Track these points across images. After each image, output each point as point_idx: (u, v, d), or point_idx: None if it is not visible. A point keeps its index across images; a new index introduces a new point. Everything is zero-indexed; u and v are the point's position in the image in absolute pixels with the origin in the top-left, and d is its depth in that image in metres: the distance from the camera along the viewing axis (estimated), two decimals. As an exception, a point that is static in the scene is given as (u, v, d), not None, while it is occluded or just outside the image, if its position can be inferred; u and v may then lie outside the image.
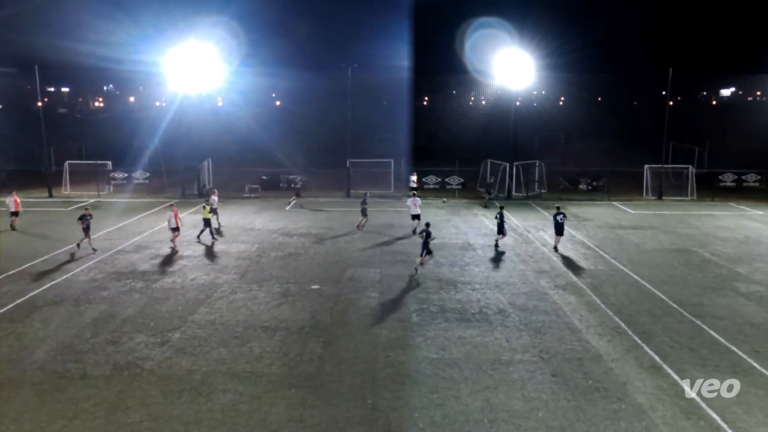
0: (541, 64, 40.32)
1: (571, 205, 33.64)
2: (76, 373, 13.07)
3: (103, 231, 26.80)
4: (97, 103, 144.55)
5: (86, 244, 23.34)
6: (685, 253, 23.71)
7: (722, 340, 14.83)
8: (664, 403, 11.79)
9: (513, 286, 19.19)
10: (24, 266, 21.28)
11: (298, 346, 14.50)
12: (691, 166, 38.53)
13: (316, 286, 19.21)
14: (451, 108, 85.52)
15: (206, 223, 25.30)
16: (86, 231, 23.03)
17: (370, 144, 52.94)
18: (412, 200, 27.33)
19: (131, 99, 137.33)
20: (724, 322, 16.03)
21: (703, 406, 11.70)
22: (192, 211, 31.83)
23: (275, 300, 17.90)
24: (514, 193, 37.48)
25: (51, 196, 37.08)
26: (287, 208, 33.50)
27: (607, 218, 30.92)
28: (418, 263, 20.73)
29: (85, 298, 17.93)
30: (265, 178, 40.31)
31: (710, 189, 37.38)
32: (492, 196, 35.88)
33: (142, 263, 21.89)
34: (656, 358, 13.80)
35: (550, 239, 25.66)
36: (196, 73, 37.42)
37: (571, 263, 22.11)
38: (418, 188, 35.57)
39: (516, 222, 29.38)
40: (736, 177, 39.99)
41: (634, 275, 20.49)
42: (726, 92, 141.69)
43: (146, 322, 16.09)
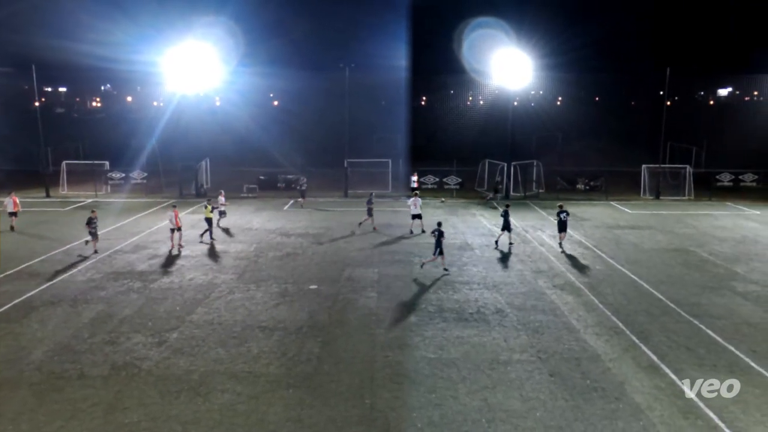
0: (538, 64, 40.34)
1: (568, 205, 33.21)
2: (73, 374, 13.05)
3: (101, 231, 26.55)
4: (94, 103, 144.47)
5: (91, 246, 23.31)
6: (683, 252, 23.76)
7: (720, 340, 14.86)
8: (661, 403, 11.82)
9: (511, 286, 19.21)
10: (21, 266, 21.24)
11: (296, 346, 14.50)
12: (688, 166, 38.60)
13: (314, 286, 19.20)
14: (449, 108, 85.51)
15: (209, 223, 25.34)
16: (94, 234, 23.04)
17: (368, 144, 52.91)
18: (413, 200, 27.32)
19: (129, 99, 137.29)
20: (722, 322, 16.07)
21: (701, 405, 11.72)
22: (189, 210, 31.81)
23: (273, 300, 17.89)
24: (512, 193, 37.50)
25: (48, 196, 37.00)
26: (289, 207, 33.49)
27: (605, 218, 30.97)
28: (431, 261, 20.85)
29: (82, 299, 17.90)
30: (262, 178, 40.26)
31: (707, 189, 37.42)
32: (492, 197, 35.95)
33: (140, 263, 21.86)
34: (654, 358, 13.83)
35: (548, 239, 25.71)
36: (194, 73, 37.43)
37: (568, 263, 22.14)
38: (418, 188, 35.59)
39: (514, 222, 29.27)
40: (734, 177, 40.06)
41: (631, 275, 20.52)
42: (723, 92, 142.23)
43: (144, 322, 16.07)
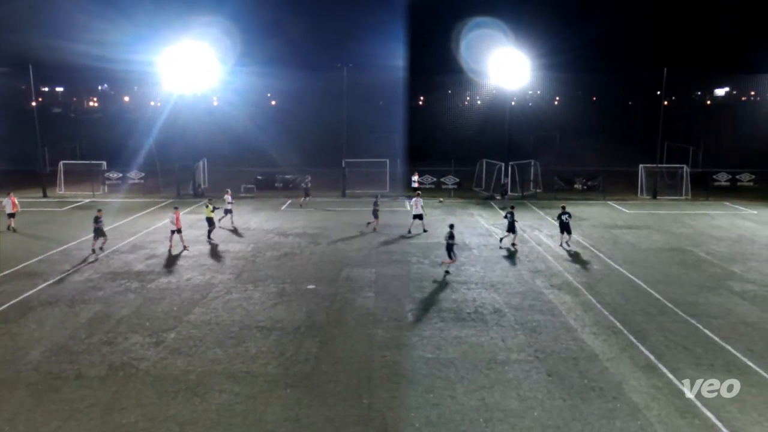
0: (536, 64, 40.34)
1: (566, 205, 33.60)
2: (71, 374, 13.02)
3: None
4: (91, 103, 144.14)
5: (97, 246, 23.23)
6: (680, 252, 23.80)
7: (717, 339, 14.90)
8: (659, 402, 11.84)
9: (508, 286, 19.23)
10: (18, 266, 21.18)
11: (294, 346, 14.49)
12: (685, 166, 38.67)
13: (311, 286, 19.20)
14: (447, 108, 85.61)
15: (210, 222, 25.37)
16: (100, 232, 23.00)
17: (366, 144, 52.80)
18: (414, 200, 27.28)
19: (126, 99, 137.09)
20: (719, 321, 16.11)
21: (698, 404, 11.75)
22: (187, 210, 31.76)
23: (271, 300, 17.88)
24: (509, 193, 37.53)
25: (45, 196, 36.92)
26: (286, 207, 33.48)
27: (602, 218, 31.01)
28: (446, 262, 20.84)
29: (80, 299, 17.87)
30: (260, 177, 40.22)
31: (705, 188, 37.50)
32: (501, 198, 36.10)
33: (138, 263, 21.83)
34: (651, 357, 13.86)
35: (546, 239, 25.75)
36: (191, 73, 37.34)
37: (566, 263, 22.17)
38: (419, 188, 35.60)
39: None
40: (731, 176, 40.11)
41: (629, 274, 20.56)
42: (720, 92, 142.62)
43: (141, 322, 16.05)
